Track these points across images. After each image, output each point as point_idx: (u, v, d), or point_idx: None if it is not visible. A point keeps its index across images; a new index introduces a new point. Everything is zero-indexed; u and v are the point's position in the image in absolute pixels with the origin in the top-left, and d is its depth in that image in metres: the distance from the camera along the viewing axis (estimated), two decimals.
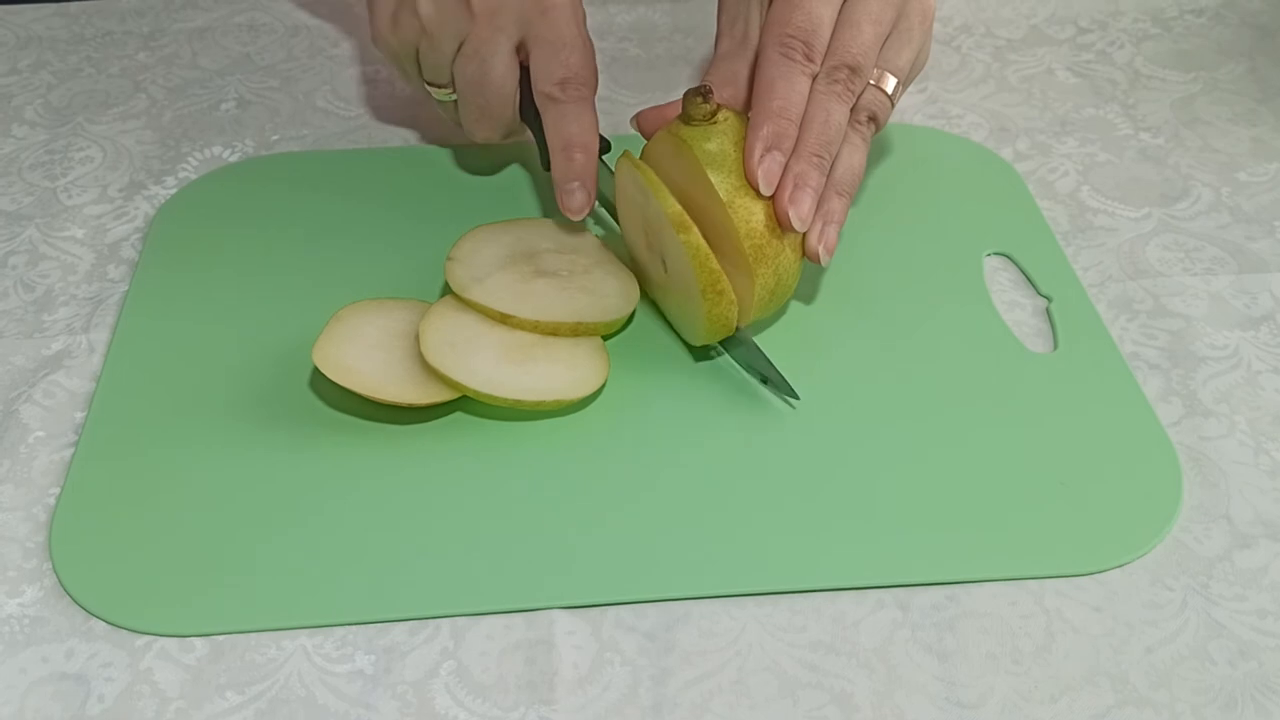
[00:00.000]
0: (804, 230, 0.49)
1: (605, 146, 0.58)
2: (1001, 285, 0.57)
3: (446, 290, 0.53)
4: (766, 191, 0.48)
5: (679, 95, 0.68)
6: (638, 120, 0.55)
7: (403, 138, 0.66)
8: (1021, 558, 0.46)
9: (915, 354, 0.53)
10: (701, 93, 0.49)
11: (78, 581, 0.45)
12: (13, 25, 0.74)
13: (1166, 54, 0.73)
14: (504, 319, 0.51)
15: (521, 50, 0.56)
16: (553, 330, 0.51)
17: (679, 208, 0.48)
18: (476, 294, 0.51)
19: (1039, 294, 0.56)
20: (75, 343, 0.54)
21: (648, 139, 0.53)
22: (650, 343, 0.54)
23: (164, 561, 0.45)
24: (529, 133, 0.58)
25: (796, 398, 0.51)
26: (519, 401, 0.49)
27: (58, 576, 0.45)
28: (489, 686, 0.42)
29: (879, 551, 0.46)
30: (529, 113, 0.57)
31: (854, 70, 0.50)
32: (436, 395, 0.49)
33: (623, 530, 0.46)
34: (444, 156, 0.64)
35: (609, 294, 0.53)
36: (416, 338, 0.50)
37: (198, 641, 0.43)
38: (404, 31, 0.56)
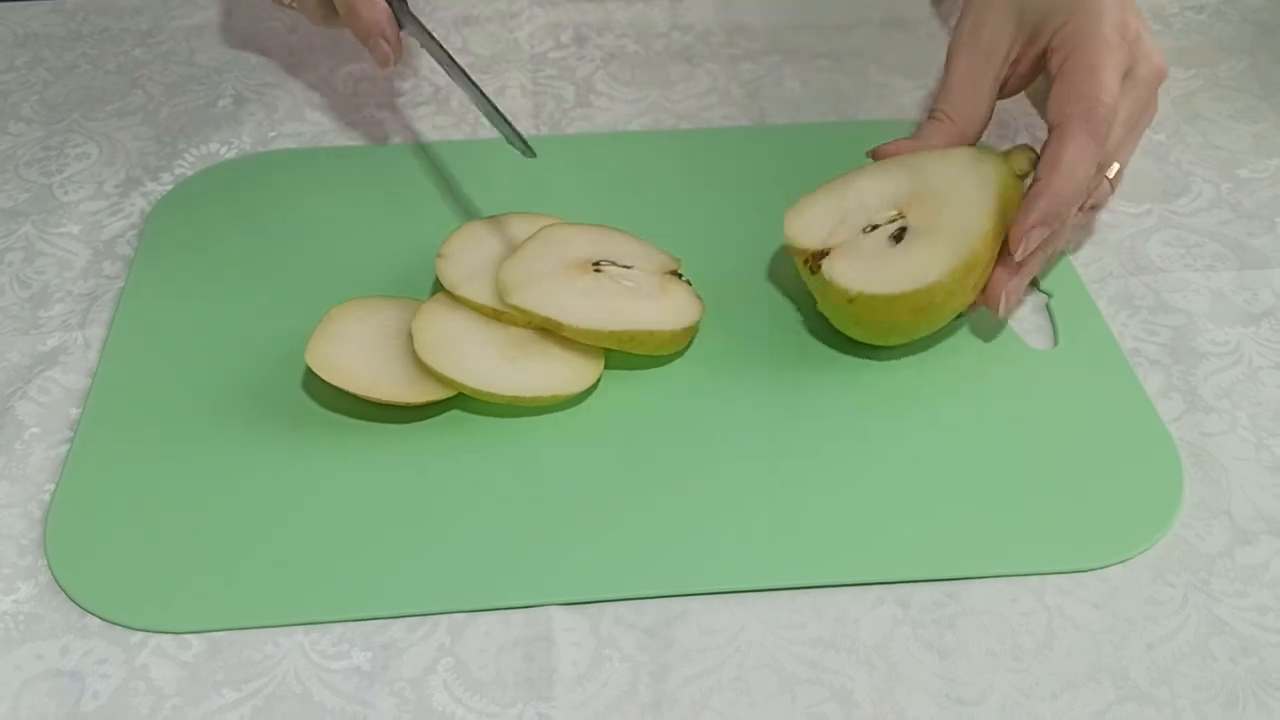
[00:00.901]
0: (999, 317, 0.52)
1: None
2: None
3: (438, 287, 0.52)
4: (1018, 256, 0.49)
5: (679, 92, 0.69)
6: (882, 151, 0.55)
7: (399, 135, 0.66)
8: (1022, 554, 0.45)
9: (915, 350, 0.53)
10: (1033, 158, 0.51)
11: (73, 578, 0.44)
12: (10, 22, 0.74)
13: (1167, 51, 0.72)
14: (496, 316, 0.51)
15: None
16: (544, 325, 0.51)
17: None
18: (468, 291, 0.51)
19: (1039, 290, 0.56)
20: (71, 339, 0.54)
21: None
22: None
23: (159, 558, 0.45)
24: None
25: (533, 154, 0.53)
26: (515, 398, 0.49)
27: (52, 573, 0.45)
28: (487, 683, 0.42)
29: (879, 548, 0.45)
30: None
31: (1102, 171, 0.53)
32: (431, 394, 0.49)
33: (621, 526, 0.46)
34: (440, 154, 0.64)
35: None
36: (409, 336, 0.49)
37: (194, 638, 0.43)
38: None
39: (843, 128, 0.66)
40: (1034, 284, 0.56)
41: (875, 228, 0.51)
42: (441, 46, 0.57)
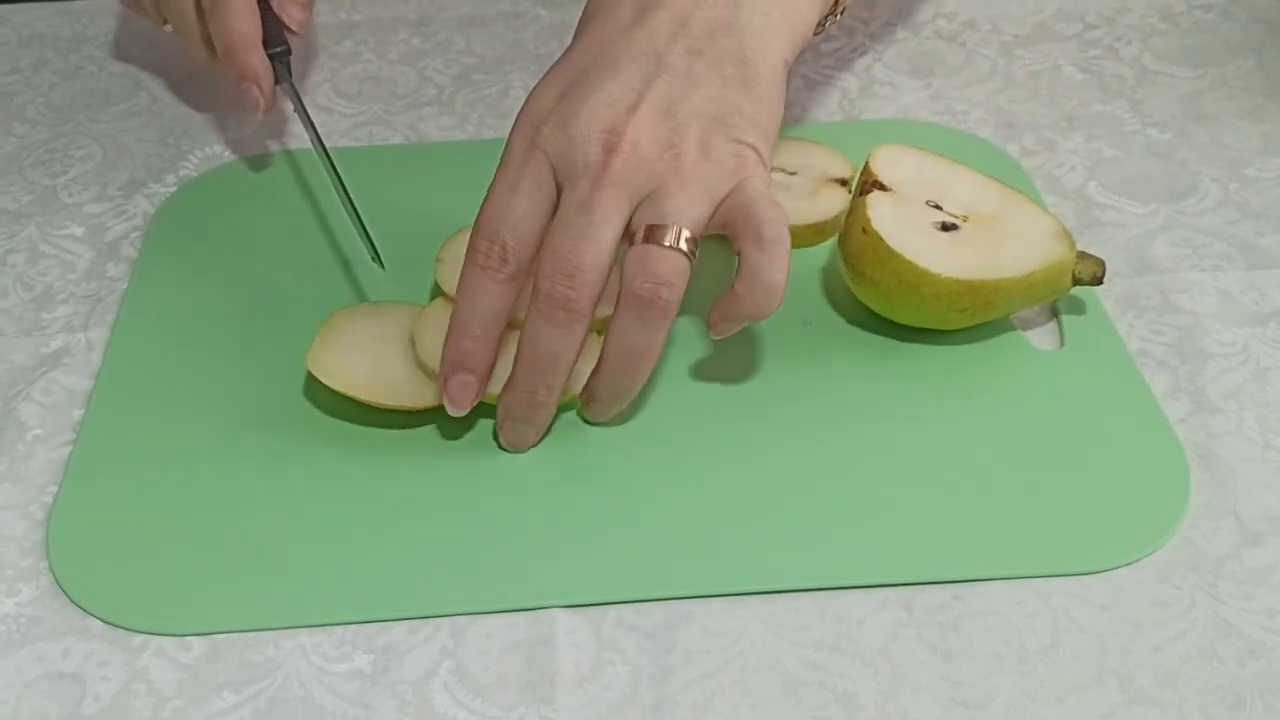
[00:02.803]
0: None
1: (286, 50, 0.59)
2: None
3: (437, 291, 0.52)
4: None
5: None
6: None
7: (403, 135, 0.66)
8: (1027, 556, 0.45)
9: (920, 351, 0.53)
10: (1098, 274, 0.52)
11: (74, 580, 0.44)
12: (15, 24, 0.74)
13: (1174, 50, 0.72)
14: None
15: None
16: None
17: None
18: None
19: None
20: (74, 341, 0.54)
21: None
22: None
23: (161, 560, 0.45)
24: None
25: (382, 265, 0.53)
26: None
27: (54, 575, 0.45)
28: (489, 686, 0.42)
29: (883, 550, 0.45)
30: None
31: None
32: (433, 399, 0.48)
33: (624, 528, 0.46)
34: (444, 155, 0.64)
35: None
36: (411, 341, 0.49)
37: (195, 640, 0.43)
38: None
39: (846, 127, 0.66)
40: None
41: (939, 208, 0.52)
42: (311, 124, 0.58)
